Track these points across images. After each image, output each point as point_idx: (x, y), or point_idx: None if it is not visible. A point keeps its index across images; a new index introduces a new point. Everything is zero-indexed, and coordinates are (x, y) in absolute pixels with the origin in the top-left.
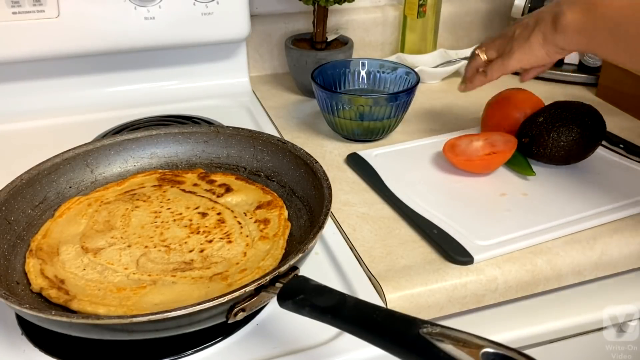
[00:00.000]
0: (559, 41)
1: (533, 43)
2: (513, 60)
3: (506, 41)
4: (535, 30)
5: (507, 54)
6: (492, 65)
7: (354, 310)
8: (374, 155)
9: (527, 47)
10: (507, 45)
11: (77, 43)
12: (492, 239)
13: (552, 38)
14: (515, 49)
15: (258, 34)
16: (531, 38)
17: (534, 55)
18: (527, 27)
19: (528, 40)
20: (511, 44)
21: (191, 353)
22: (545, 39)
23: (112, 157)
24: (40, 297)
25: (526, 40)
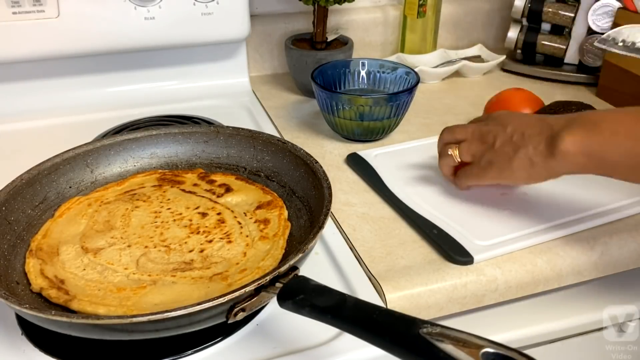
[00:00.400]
0: (556, 167)
1: (516, 167)
2: (488, 177)
3: (484, 148)
4: (519, 153)
5: (484, 167)
6: (466, 172)
7: (354, 310)
8: (374, 155)
9: (508, 169)
10: (484, 155)
11: (77, 43)
12: (492, 239)
13: (543, 164)
14: (494, 164)
15: (258, 34)
16: (514, 161)
17: (513, 178)
18: (511, 143)
19: (510, 162)
20: (490, 155)
21: (191, 353)
22: (532, 165)
23: (112, 157)
24: (40, 297)
25: (508, 161)
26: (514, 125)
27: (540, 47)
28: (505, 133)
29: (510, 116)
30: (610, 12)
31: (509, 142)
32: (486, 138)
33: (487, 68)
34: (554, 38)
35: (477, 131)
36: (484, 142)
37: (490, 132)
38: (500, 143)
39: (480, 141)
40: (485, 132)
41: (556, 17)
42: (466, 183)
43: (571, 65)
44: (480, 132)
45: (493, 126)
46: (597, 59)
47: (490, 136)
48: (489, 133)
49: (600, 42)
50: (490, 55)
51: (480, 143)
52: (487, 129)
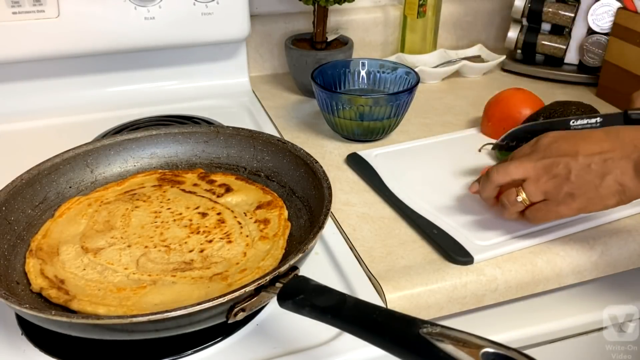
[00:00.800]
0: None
1: (605, 195)
2: (573, 209)
3: (558, 182)
4: (606, 180)
5: (564, 201)
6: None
7: (354, 310)
8: (374, 155)
9: (596, 197)
10: (561, 189)
11: (77, 43)
12: (492, 239)
13: (635, 189)
14: (577, 196)
15: (258, 34)
16: (602, 190)
17: (602, 205)
18: (590, 170)
19: (598, 191)
20: (568, 188)
21: (191, 353)
22: (623, 190)
23: (112, 157)
24: (40, 297)
25: (595, 188)
26: (585, 149)
27: (540, 47)
28: (578, 162)
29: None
30: (610, 12)
31: (587, 171)
32: (555, 171)
33: (487, 68)
34: (554, 38)
35: (540, 165)
36: (554, 175)
37: (556, 163)
38: (577, 173)
39: (548, 175)
40: (551, 165)
41: (556, 17)
42: (542, 222)
43: (571, 65)
44: (545, 166)
45: (556, 157)
46: (597, 59)
47: (561, 168)
48: (556, 165)
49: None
50: (490, 55)
51: (550, 177)
52: (551, 161)
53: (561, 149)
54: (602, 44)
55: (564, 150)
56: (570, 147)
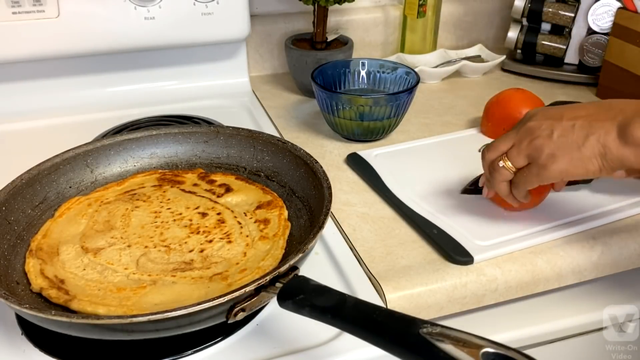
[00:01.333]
0: (628, 156)
1: (587, 156)
2: (554, 171)
3: (540, 143)
4: (589, 140)
5: (547, 162)
6: (524, 175)
7: (354, 310)
8: (374, 155)
9: (578, 158)
10: (543, 150)
11: (77, 43)
12: (492, 239)
13: (617, 151)
14: (559, 156)
15: (258, 34)
16: (585, 149)
17: (584, 168)
18: (574, 130)
19: (580, 151)
20: (550, 148)
21: (191, 353)
22: (605, 152)
23: (112, 157)
24: (40, 297)
25: (577, 148)
26: (570, 113)
27: (540, 47)
28: (562, 123)
29: (557, 108)
30: (610, 12)
31: (571, 131)
32: (537, 132)
33: (487, 68)
34: (554, 38)
35: (523, 131)
36: (536, 137)
37: (539, 127)
38: (559, 133)
39: (531, 137)
40: (534, 128)
41: (556, 17)
42: (527, 187)
43: (571, 65)
44: (528, 130)
45: (540, 120)
46: (597, 59)
47: (543, 129)
48: (539, 128)
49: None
50: (490, 55)
51: (532, 139)
52: (534, 124)
53: (546, 113)
54: (602, 44)
55: (547, 116)
56: (555, 112)
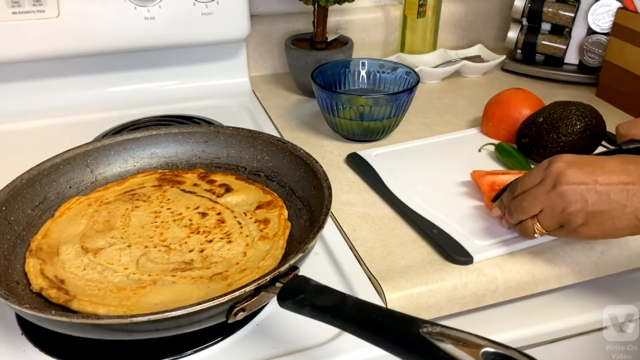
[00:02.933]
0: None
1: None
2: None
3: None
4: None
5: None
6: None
7: (354, 310)
8: (374, 155)
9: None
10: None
11: (77, 43)
12: (491, 239)
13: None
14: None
15: (258, 34)
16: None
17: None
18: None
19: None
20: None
21: (191, 353)
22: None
23: (112, 157)
24: (40, 297)
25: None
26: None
27: (540, 47)
28: (597, 191)
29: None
30: (610, 12)
31: (607, 201)
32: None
33: (487, 68)
34: (554, 38)
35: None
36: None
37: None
38: (594, 202)
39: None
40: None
41: (556, 17)
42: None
43: (571, 65)
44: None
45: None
46: (597, 59)
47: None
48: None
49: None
50: (490, 55)
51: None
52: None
53: (576, 176)
54: (602, 44)
55: (578, 179)
56: (586, 175)
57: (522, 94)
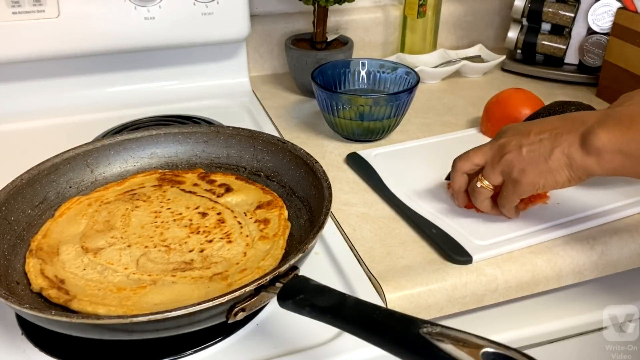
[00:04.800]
0: (591, 165)
1: (555, 167)
2: (526, 184)
3: (510, 159)
4: (555, 152)
5: (518, 177)
6: (503, 196)
7: (354, 310)
8: (374, 155)
9: (546, 170)
10: (513, 166)
11: (77, 43)
12: (491, 239)
13: (582, 162)
14: (528, 170)
15: (258, 34)
16: (552, 162)
17: (553, 180)
18: (541, 144)
19: (547, 161)
20: (519, 164)
21: (191, 353)
22: (571, 163)
23: (112, 157)
24: (40, 297)
25: (544, 160)
26: (537, 129)
27: (540, 47)
28: (529, 138)
29: (525, 124)
30: (610, 12)
31: (538, 144)
32: (508, 149)
33: (487, 68)
34: (554, 38)
35: (495, 147)
36: (506, 152)
37: (509, 143)
38: (527, 148)
39: (501, 154)
40: (505, 144)
41: (556, 17)
42: (511, 206)
43: (571, 65)
44: (499, 147)
45: (510, 137)
46: (597, 59)
47: (512, 145)
48: (509, 144)
49: None
50: (490, 55)
51: (503, 155)
52: (504, 141)
53: (515, 130)
54: (602, 44)
55: (517, 131)
56: (524, 127)
57: (522, 94)
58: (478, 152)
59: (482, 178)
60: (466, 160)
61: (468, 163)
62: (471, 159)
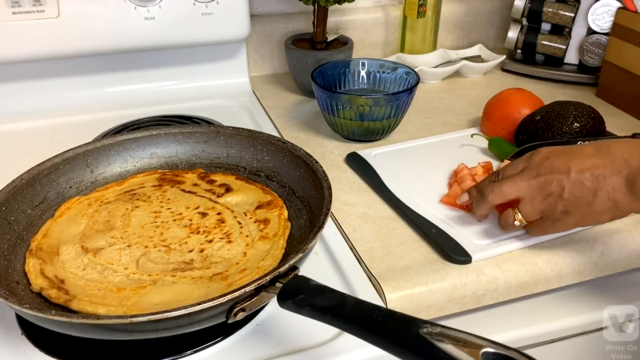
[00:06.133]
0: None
1: (599, 211)
2: (569, 225)
3: (552, 201)
4: (599, 197)
5: (560, 218)
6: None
7: (354, 310)
8: (373, 155)
9: (590, 215)
10: (555, 207)
11: (77, 43)
12: (490, 239)
13: (629, 206)
14: (572, 213)
15: (258, 34)
16: (596, 206)
17: (597, 221)
18: (583, 187)
19: (591, 207)
20: (562, 206)
21: (191, 353)
22: (617, 207)
23: (112, 157)
24: (40, 297)
25: (589, 206)
26: (576, 166)
27: (540, 47)
28: (571, 179)
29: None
30: (610, 12)
31: (580, 187)
32: (548, 189)
33: (487, 68)
34: (554, 38)
35: (535, 185)
36: (548, 194)
37: (549, 181)
38: (569, 190)
39: (543, 195)
40: (544, 183)
41: (556, 17)
42: (541, 235)
43: (571, 65)
44: (539, 185)
45: (549, 174)
46: (597, 59)
47: (554, 186)
48: (550, 183)
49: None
50: (490, 55)
51: (544, 197)
52: (545, 179)
53: (554, 166)
54: (602, 44)
55: (556, 167)
56: (562, 163)
57: (521, 94)
58: (513, 187)
59: (517, 213)
60: (500, 196)
61: (501, 199)
62: (505, 194)
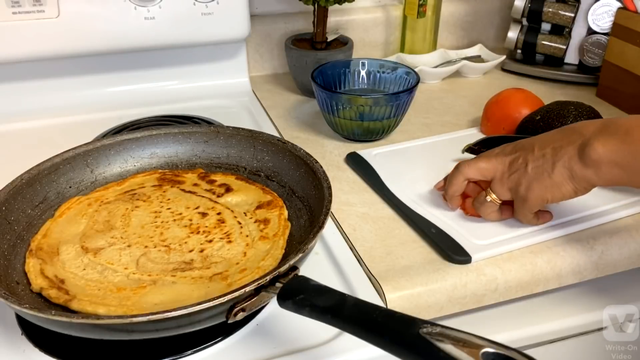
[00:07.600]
0: (590, 177)
1: (558, 180)
2: (534, 201)
3: (518, 176)
4: (557, 165)
5: (526, 194)
6: (517, 213)
7: (354, 310)
8: (373, 155)
9: (551, 185)
10: (521, 183)
11: (77, 43)
12: (490, 239)
13: (581, 174)
14: (534, 186)
15: (258, 34)
16: (555, 173)
17: (560, 193)
18: (544, 159)
19: (551, 175)
20: (526, 180)
21: (191, 353)
22: (572, 175)
23: (112, 157)
24: (40, 297)
25: (548, 175)
26: (539, 143)
27: (540, 47)
28: (534, 154)
29: (531, 139)
30: (610, 12)
31: (541, 160)
32: (515, 166)
33: (487, 68)
34: (554, 38)
35: (505, 162)
36: (514, 170)
37: (517, 158)
38: (532, 165)
39: (510, 171)
40: (512, 161)
41: (556, 17)
42: (527, 220)
43: (571, 65)
44: (508, 162)
45: (517, 152)
46: (597, 59)
47: (520, 162)
48: (517, 160)
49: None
50: (490, 55)
51: (511, 173)
52: (513, 157)
53: (520, 144)
54: (602, 44)
55: (522, 146)
56: (528, 143)
57: (521, 94)
58: (488, 163)
59: (490, 192)
60: (474, 168)
61: (475, 171)
62: (480, 169)
